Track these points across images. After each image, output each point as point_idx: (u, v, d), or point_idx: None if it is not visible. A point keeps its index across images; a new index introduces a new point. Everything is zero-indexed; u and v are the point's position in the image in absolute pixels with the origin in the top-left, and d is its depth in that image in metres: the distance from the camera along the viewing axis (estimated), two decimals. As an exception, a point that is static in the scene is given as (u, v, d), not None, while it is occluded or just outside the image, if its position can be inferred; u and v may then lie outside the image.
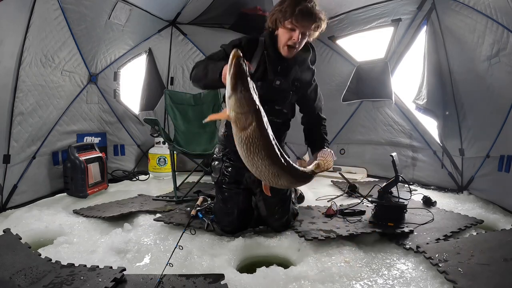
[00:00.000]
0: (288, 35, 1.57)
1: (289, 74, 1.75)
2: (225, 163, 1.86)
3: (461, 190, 2.70)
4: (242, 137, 1.16)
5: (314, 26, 1.56)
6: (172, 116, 2.99)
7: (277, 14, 1.58)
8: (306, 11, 1.51)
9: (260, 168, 1.21)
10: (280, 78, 1.74)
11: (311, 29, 1.56)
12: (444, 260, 1.40)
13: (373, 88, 3.28)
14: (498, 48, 2.15)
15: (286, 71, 1.74)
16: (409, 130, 3.16)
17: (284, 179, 1.26)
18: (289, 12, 1.51)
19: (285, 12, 1.53)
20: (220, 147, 1.92)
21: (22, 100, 2.31)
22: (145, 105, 3.65)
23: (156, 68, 3.66)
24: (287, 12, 1.52)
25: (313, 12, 1.52)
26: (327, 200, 2.47)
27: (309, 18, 1.53)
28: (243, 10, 3.30)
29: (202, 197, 2.10)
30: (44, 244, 1.72)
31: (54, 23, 2.47)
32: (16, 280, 1.26)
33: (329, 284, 1.31)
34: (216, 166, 1.90)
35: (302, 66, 1.80)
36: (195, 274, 1.36)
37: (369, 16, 3.21)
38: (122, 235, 1.80)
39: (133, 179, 3.33)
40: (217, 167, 1.89)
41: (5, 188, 2.24)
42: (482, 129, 2.46)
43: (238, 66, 1.14)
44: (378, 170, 3.42)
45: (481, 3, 2.21)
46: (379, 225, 1.82)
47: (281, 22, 1.57)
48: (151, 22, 3.39)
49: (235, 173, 1.82)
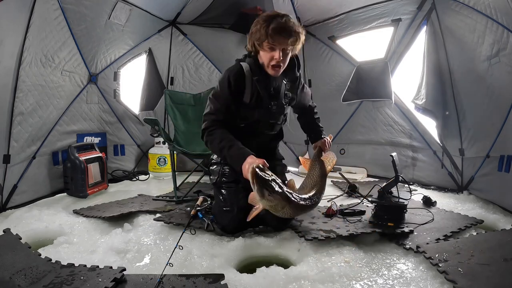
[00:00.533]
0: (270, 55, 1.57)
1: (281, 91, 1.79)
2: (223, 165, 1.90)
3: (461, 190, 2.70)
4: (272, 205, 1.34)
5: (291, 41, 1.54)
6: (172, 116, 2.99)
7: (254, 37, 1.58)
8: (280, 28, 1.50)
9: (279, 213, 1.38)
10: (275, 101, 1.78)
11: (288, 44, 1.55)
12: (444, 260, 1.40)
13: (373, 88, 3.28)
14: (498, 48, 2.15)
15: (277, 90, 1.77)
16: (409, 130, 3.16)
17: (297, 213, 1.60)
18: (264, 33, 1.51)
19: (260, 33, 1.53)
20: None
21: (22, 100, 2.31)
22: (145, 105, 3.65)
23: (156, 68, 3.65)
24: (262, 33, 1.52)
25: (287, 28, 1.51)
26: (327, 200, 2.47)
27: (284, 35, 1.52)
28: (243, 10, 3.30)
29: (202, 197, 2.10)
30: (44, 244, 1.72)
31: (54, 23, 2.47)
32: (16, 280, 1.26)
33: (329, 284, 1.31)
34: (214, 169, 1.94)
35: (289, 77, 1.82)
36: (195, 274, 1.36)
37: (369, 16, 3.21)
38: (122, 235, 1.80)
39: (133, 179, 3.33)
40: (215, 170, 1.93)
41: (5, 188, 2.24)
42: (482, 129, 2.46)
43: (258, 178, 1.27)
44: (378, 170, 3.42)
45: (481, 3, 2.21)
46: (379, 225, 1.82)
47: (260, 45, 1.58)
48: (151, 22, 3.39)
49: (234, 173, 1.84)
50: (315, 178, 1.75)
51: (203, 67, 3.80)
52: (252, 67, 1.69)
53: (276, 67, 1.61)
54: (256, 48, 1.62)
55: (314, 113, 2.13)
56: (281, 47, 1.55)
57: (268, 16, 1.55)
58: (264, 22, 1.52)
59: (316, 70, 3.77)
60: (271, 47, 1.55)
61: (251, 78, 1.68)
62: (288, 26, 1.52)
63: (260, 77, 1.68)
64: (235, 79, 1.67)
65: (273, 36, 1.51)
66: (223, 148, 1.58)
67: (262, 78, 1.69)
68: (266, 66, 1.63)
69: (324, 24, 3.57)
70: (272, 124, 1.89)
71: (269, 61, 1.59)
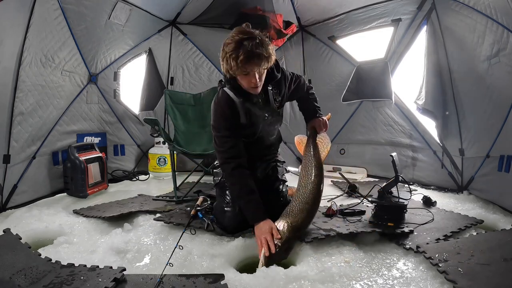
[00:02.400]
0: (247, 79, 1.59)
1: (270, 99, 1.81)
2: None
3: (461, 190, 2.69)
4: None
5: (263, 64, 1.53)
6: (172, 116, 2.99)
7: (226, 66, 1.57)
8: (249, 57, 1.48)
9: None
10: (268, 111, 1.82)
11: (261, 67, 1.54)
12: (444, 260, 1.40)
13: (373, 88, 3.28)
14: (498, 48, 2.15)
15: (266, 100, 1.81)
16: (409, 130, 3.16)
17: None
18: (235, 64, 1.50)
19: (231, 65, 1.52)
20: None
21: (22, 100, 2.31)
22: (145, 105, 3.65)
23: (156, 68, 3.65)
24: (233, 65, 1.51)
25: (255, 54, 1.48)
26: (327, 200, 2.47)
27: (255, 62, 1.51)
28: (243, 10, 3.29)
29: (202, 197, 2.10)
30: (44, 244, 1.72)
31: (54, 23, 2.47)
32: (16, 280, 1.26)
33: (329, 284, 1.31)
34: (219, 171, 1.96)
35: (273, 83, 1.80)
36: (195, 274, 1.36)
37: (369, 16, 3.21)
38: (122, 235, 1.80)
39: (133, 179, 3.33)
40: (220, 172, 1.95)
41: (5, 188, 2.24)
42: (482, 129, 2.45)
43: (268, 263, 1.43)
44: (378, 170, 3.41)
45: (481, 3, 2.21)
46: (379, 225, 1.82)
47: (234, 73, 1.58)
48: (151, 22, 3.39)
49: None
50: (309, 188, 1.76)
51: (203, 67, 3.81)
52: (234, 91, 1.72)
53: (255, 88, 1.63)
54: (231, 75, 1.63)
55: (310, 94, 2.06)
56: (254, 72, 1.55)
57: (235, 43, 1.50)
58: (233, 51, 1.49)
59: (316, 70, 3.77)
60: (246, 73, 1.56)
61: (238, 100, 1.73)
62: (256, 53, 1.49)
63: (245, 97, 1.73)
64: (228, 107, 1.71)
65: (244, 65, 1.50)
66: (241, 199, 1.71)
67: (248, 97, 1.73)
68: (247, 88, 1.66)
69: (324, 24, 3.57)
70: (273, 130, 1.95)
71: (248, 85, 1.62)
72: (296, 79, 1.95)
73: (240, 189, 1.70)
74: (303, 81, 2.02)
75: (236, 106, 1.73)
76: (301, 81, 1.99)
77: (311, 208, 1.70)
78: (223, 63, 1.59)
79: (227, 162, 1.72)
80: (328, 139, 1.88)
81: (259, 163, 1.97)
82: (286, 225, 1.58)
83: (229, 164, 1.71)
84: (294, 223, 1.60)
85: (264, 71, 1.62)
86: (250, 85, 1.61)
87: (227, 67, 1.57)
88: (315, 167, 1.81)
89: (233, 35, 1.53)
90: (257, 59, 1.50)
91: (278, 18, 3.32)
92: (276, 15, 3.30)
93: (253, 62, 1.50)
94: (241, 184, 1.69)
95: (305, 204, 1.69)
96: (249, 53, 1.48)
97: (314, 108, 2.03)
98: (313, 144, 1.85)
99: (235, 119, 1.74)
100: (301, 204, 1.69)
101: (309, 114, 2.03)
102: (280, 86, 1.85)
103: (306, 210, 1.67)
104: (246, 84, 1.62)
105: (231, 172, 1.71)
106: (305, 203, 1.69)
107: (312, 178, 1.78)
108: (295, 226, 1.59)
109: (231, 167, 1.70)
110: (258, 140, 1.88)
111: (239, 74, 1.57)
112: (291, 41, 3.78)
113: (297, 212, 1.66)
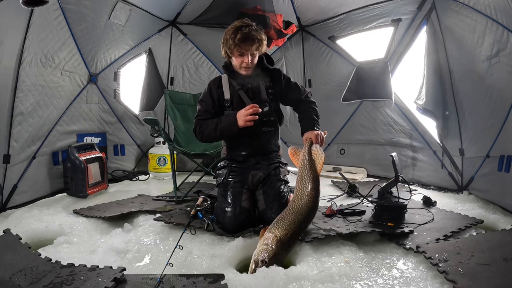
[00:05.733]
0: (240, 59, 1.87)
1: (261, 90, 1.97)
2: (230, 167, 2.00)
3: (461, 190, 2.69)
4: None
5: (255, 47, 1.84)
6: (172, 116, 2.99)
7: (225, 46, 1.88)
8: (245, 38, 1.80)
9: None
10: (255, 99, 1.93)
11: (253, 49, 1.84)
12: (444, 260, 1.40)
13: (373, 88, 3.28)
14: (498, 48, 2.15)
15: (257, 90, 1.96)
16: (409, 130, 3.16)
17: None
18: (232, 43, 1.82)
19: (229, 44, 1.83)
20: (226, 161, 2.07)
21: (22, 100, 2.32)
22: (145, 105, 3.65)
23: (156, 68, 3.66)
24: (230, 43, 1.83)
25: (250, 36, 1.81)
26: (327, 200, 2.47)
27: (249, 42, 1.81)
28: (243, 10, 3.29)
29: (202, 197, 2.10)
30: (44, 244, 1.72)
31: (54, 23, 2.48)
32: (16, 280, 1.26)
33: (329, 284, 1.31)
34: (222, 172, 2.02)
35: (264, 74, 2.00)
36: (195, 274, 1.36)
37: (369, 16, 3.21)
38: (122, 235, 1.81)
39: (133, 179, 3.33)
40: (222, 172, 2.02)
41: (5, 188, 2.25)
42: (482, 129, 2.45)
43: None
44: (378, 170, 3.41)
45: (481, 3, 2.21)
46: (379, 225, 1.82)
47: (231, 52, 1.87)
48: (151, 22, 3.39)
49: (240, 172, 1.97)
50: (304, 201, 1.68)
51: (203, 67, 3.81)
52: (228, 72, 1.99)
53: (247, 68, 1.90)
54: (228, 55, 1.91)
55: (310, 106, 2.02)
56: (248, 53, 1.84)
57: (235, 27, 1.83)
58: (232, 33, 1.82)
59: (316, 70, 3.77)
60: (240, 53, 1.84)
61: (227, 80, 1.98)
62: (251, 35, 1.81)
63: (237, 80, 1.96)
64: (214, 82, 2.02)
65: (239, 44, 1.81)
66: (216, 126, 1.89)
67: (239, 80, 1.96)
68: (239, 68, 1.92)
69: (324, 24, 3.57)
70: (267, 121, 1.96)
71: (240, 64, 1.89)
72: (292, 81, 2.07)
73: (209, 124, 1.92)
74: (302, 87, 2.10)
75: (221, 82, 1.98)
76: (297, 84, 2.08)
77: (303, 220, 1.62)
78: (223, 46, 1.89)
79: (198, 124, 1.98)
80: (321, 150, 1.78)
81: (262, 162, 2.00)
82: (275, 239, 1.50)
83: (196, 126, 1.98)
84: (283, 236, 1.52)
85: (256, 55, 1.89)
86: (242, 65, 1.87)
87: (226, 47, 1.87)
88: (312, 180, 1.72)
89: (234, 23, 1.87)
90: (251, 40, 1.81)
91: (278, 18, 3.32)
92: (276, 15, 3.30)
93: (248, 42, 1.81)
94: (208, 121, 1.93)
95: (298, 215, 1.61)
96: (246, 34, 1.80)
97: (313, 120, 1.95)
98: (309, 156, 1.77)
99: (218, 93, 1.97)
100: (294, 214, 1.62)
101: (306, 125, 1.94)
102: (275, 80, 2.02)
103: (298, 221, 1.59)
104: (239, 64, 1.88)
105: (200, 125, 1.96)
106: (298, 214, 1.62)
107: (309, 191, 1.69)
108: (284, 240, 1.51)
109: (200, 123, 1.96)
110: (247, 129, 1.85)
111: (235, 53, 1.84)
112: (291, 41, 3.78)
113: (288, 223, 1.58)
